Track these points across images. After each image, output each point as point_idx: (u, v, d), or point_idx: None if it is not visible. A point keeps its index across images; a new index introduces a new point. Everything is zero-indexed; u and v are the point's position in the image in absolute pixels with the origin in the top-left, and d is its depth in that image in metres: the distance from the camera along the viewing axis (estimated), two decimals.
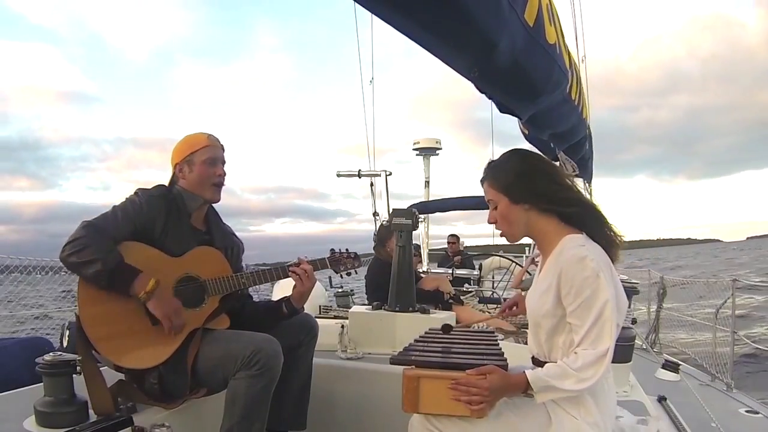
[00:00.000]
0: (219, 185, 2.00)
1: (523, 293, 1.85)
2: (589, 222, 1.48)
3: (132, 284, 1.74)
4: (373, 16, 1.21)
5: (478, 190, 1.64)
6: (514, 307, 1.86)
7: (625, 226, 1.53)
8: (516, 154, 1.58)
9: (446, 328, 1.75)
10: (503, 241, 1.74)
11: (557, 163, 3.08)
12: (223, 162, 2.02)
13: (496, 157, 1.62)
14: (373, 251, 3.98)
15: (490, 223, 1.57)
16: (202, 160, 1.96)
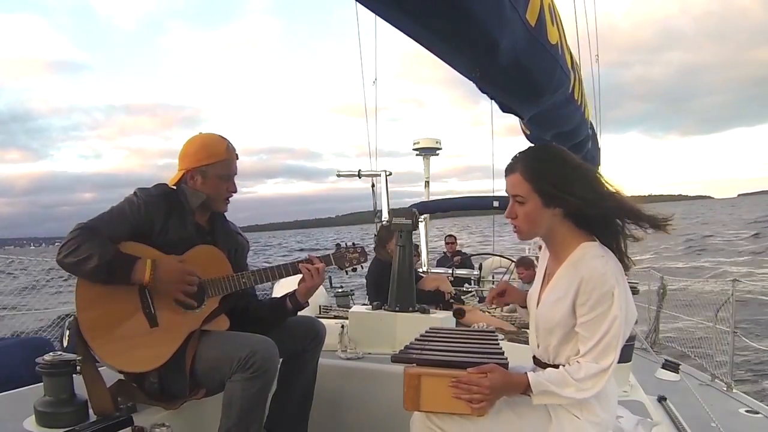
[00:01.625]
0: (229, 198, 1.99)
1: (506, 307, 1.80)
2: (606, 232, 1.45)
3: (132, 272, 1.72)
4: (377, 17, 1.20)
5: (478, 191, 1.61)
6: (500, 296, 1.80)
7: (617, 180, 1.48)
8: (554, 152, 1.49)
9: (459, 312, 1.69)
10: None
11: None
12: (236, 174, 1.98)
13: (525, 148, 1.51)
14: (373, 250, 3.97)
15: (508, 217, 1.50)
16: (218, 175, 1.93)
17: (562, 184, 1.39)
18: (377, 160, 5.40)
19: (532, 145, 1.57)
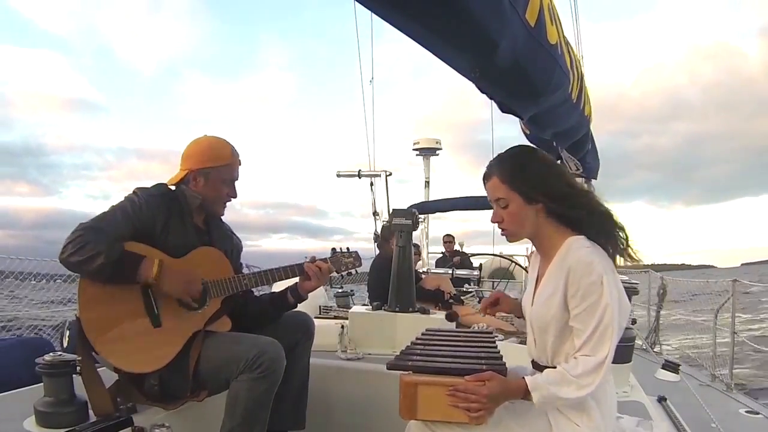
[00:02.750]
0: (227, 202, 2.00)
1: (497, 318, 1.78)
2: (594, 227, 1.45)
3: (138, 271, 1.72)
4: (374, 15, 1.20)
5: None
6: (496, 305, 1.79)
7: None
8: (526, 150, 1.53)
9: (450, 317, 1.69)
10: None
11: (559, 162, 3.07)
12: (238, 179, 2.00)
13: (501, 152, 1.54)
14: (376, 250, 3.98)
15: (494, 222, 1.52)
16: (221, 179, 1.94)
17: (538, 180, 1.43)
18: (375, 164, 5.40)
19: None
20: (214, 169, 1.93)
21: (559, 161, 3.04)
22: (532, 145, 1.64)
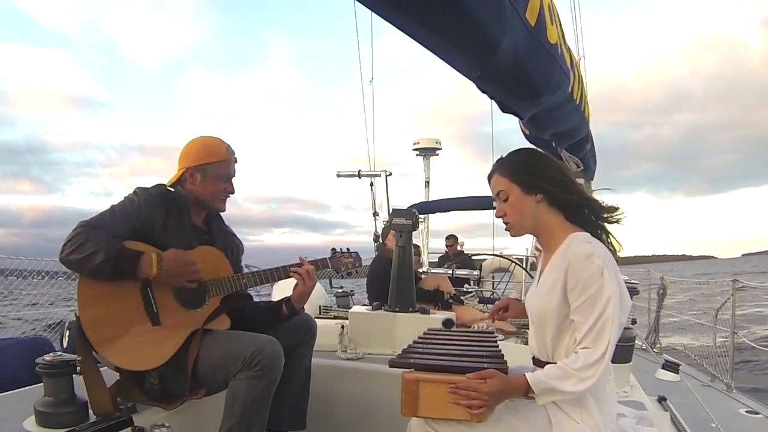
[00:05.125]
0: (226, 198, 2.01)
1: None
2: (590, 221, 1.50)
3: (138, 266, 1.73)
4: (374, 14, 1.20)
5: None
6: (505, 311, 1.84)
7: (622, 241, 1.57)
8: (525, 149, 1.62)
9: (447, 323, 1.72)
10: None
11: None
12: (234, 176, 2.01)
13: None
14: (375, 251, 3.98)
15: (498, 216, 1.57)
16: (217, 175, 1.95)
17: (536, 171, 1.51)
18: (375, 164, 5.40)
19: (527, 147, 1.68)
20: (210, 165, 1.94)
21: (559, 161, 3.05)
22: (532, 146, 1.70)
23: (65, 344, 3.05)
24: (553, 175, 1.50)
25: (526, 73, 1.54)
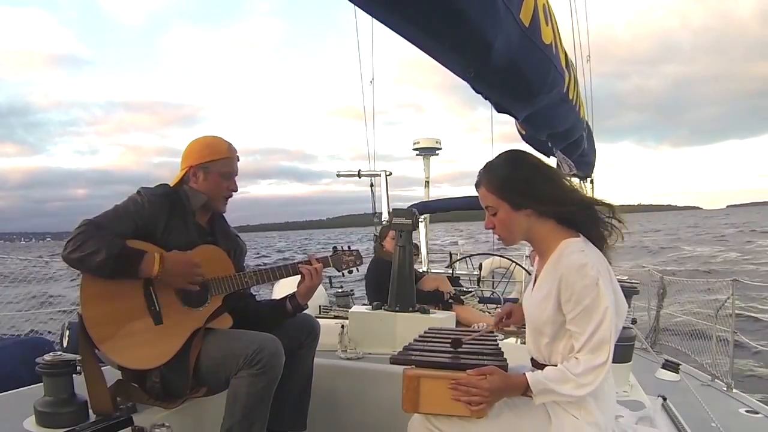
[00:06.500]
0: (228, 198, 2.02)
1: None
2: (586, 222, 1.47)
3: (140, 266, 1.74)
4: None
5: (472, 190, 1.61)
6: (507, 318, 1.83)
7: (607, 190, 1.51)
8: (513, 157, 1.54)
9: (456, 343, 1.64)
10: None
11: (554, 163, 3.09)
12: (237, 174, 2.03)
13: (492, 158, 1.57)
14: (373, 251, 3.99)
15: (487, 228, 1.54)
16: (220, 172, 1.97)
17: (525, 187, 1.44)
18: (375, 162, 5.39)
19: (517, 148, 1.61)
20: (212, 163, 1.96)
21: (554, 162, 3.05)
22: (521, 149, 1.65)
23: (65, 344, 3.06)
24: (542, 192, 1.43)
25: (520, 73, 1.55)
